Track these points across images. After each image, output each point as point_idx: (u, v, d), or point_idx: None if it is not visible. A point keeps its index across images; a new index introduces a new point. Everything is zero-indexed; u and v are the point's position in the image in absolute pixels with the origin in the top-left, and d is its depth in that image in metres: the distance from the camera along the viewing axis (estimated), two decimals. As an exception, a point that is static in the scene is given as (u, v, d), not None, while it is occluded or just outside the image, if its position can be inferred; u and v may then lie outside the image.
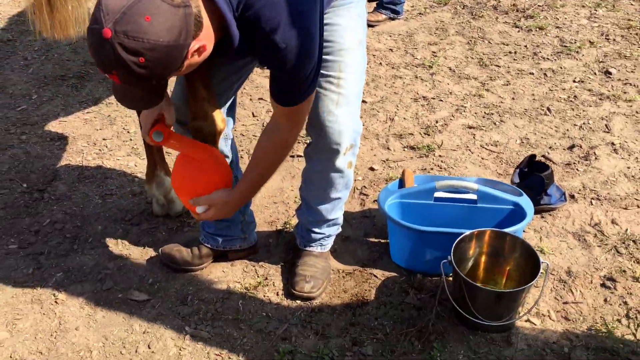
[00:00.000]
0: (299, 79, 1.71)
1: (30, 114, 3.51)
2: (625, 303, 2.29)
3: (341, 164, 2.13)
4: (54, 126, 3.40)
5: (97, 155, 3.16)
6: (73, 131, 3.36)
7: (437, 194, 2.47)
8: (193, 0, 1.49)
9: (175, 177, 2.00)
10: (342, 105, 2.03)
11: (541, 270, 2.11)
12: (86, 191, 2.90)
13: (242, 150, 3.14)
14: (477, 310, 2.13)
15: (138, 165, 3.08)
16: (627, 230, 2.63)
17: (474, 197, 2.45)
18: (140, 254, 2.55)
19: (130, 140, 3.27)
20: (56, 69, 4.02)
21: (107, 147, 3.22)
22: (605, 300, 2.32)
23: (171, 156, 2.94)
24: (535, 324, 2.23)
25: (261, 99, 3.63)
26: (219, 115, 2.02)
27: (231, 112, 2.23)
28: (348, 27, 2.02)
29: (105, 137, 3.30)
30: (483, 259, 2.34)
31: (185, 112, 2.04)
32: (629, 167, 2.99)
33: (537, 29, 4.42)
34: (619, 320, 2.22)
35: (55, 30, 2.23)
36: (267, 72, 3.83)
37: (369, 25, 4.20)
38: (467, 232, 2.21)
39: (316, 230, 2.37)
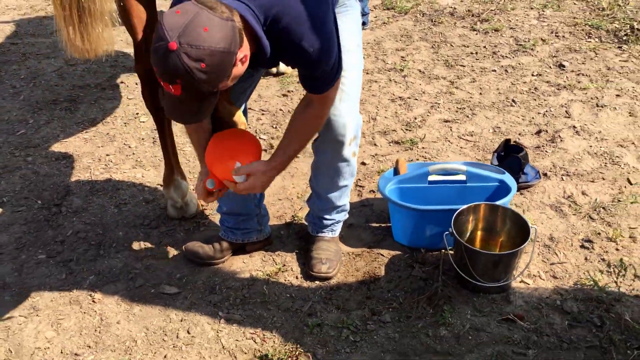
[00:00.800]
0: (325, 73, 1.98)
1: (31, 137, 3.67)
2: (604, 260, 2.61)
3: (347, 153, 2.39)
4: (56, 147, 3.57)
5: (104, 169, 3.34)
6: (76, 150, 3.53)
7: (430, 178, 2.75)
8: (235, 17, 1.74)
9: (210, 154, 2.18)
10: (345, 100, 2.30)
11: (530, 236, 2.41)
12: (101, 202, 3.08)
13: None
14: (478, 274, 2.41)
15: (145, 176, 3.28)
16: (596, 199, 2.96)
17: (463, 177, 2.75)
18: (163, 254, 2.75)
19: (133, 154, 3.47)
20: (46, 94, 4.18)
21: (112, 162, 3.41)
22: (585, 258, 2.63)
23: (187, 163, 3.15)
24: (528, 284, 2.52)
25: (250, 108, 3.87)
26: (241, 116, 2.27)
27: (244, 114, 2.47)
28: (346, 30, 2.29)
29: (108, 153, 3.49)
30: (479, 233, 2.63)
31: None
32: (591, 146, 3.34)
33: (493, 31, 4.80)
34: (600, 272, 2.53)
35: (86, 51, 2.43)
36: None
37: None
38: (465, 206, 2.50)
39: (327, 217, 2.62)
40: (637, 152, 3.27)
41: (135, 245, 2.80)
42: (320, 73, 1.97)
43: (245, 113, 2.49)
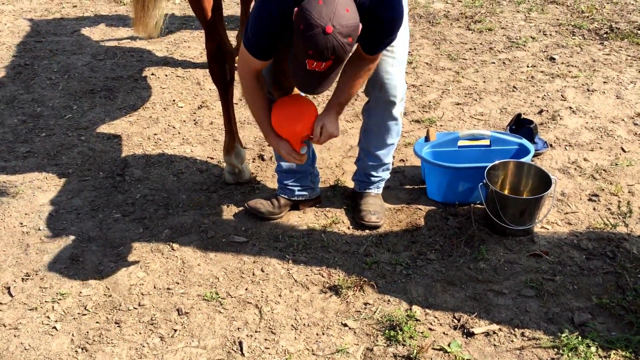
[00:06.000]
0: (388, 40, 2.38)
1: (79, 121, 3.98)
2: (609, 209, 3.06)
3: (396, 113, 2.80)
4: (104, 128, 3.89)
5: (155, 146, 3.67)
6: (124, 131, 3.85)
7: (460, 142, 3.17)
8: None
9: (277, 119, 2.52)
10: (395, 66, 2.71)
11: (552, 186, 2.84)
12: (159, 172, 3.41)
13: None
14: (507, 219, 2.82)
15: (193, 151, 3.62)
16: (596, 164, 3.42)
17: (487, 142, 3.17)
18: (226, 212, 3.09)
19: (179, 133, 3.81)
20: (82, 85, 4.49)
21: (160, 139, 3.74)
22: (593, 209, 3.07)
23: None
24: (548, 229, 2.94)
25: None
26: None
27: None
28: None
29: (155, 132, 3.82)
30: (507, 187, 3.04)
31: (271, 84, 2.68)
32: (587, 122, 3.81)
33: (487, 30, 5.28)
34: (607, 219, 2.97)
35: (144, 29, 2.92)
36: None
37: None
38: (496, 162, 2.92)
39: (374, 174, 3.01)
40: (627, 127, 3.75)
41: (199, 206, 3.14)
42: (386, 40, 2.37)
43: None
